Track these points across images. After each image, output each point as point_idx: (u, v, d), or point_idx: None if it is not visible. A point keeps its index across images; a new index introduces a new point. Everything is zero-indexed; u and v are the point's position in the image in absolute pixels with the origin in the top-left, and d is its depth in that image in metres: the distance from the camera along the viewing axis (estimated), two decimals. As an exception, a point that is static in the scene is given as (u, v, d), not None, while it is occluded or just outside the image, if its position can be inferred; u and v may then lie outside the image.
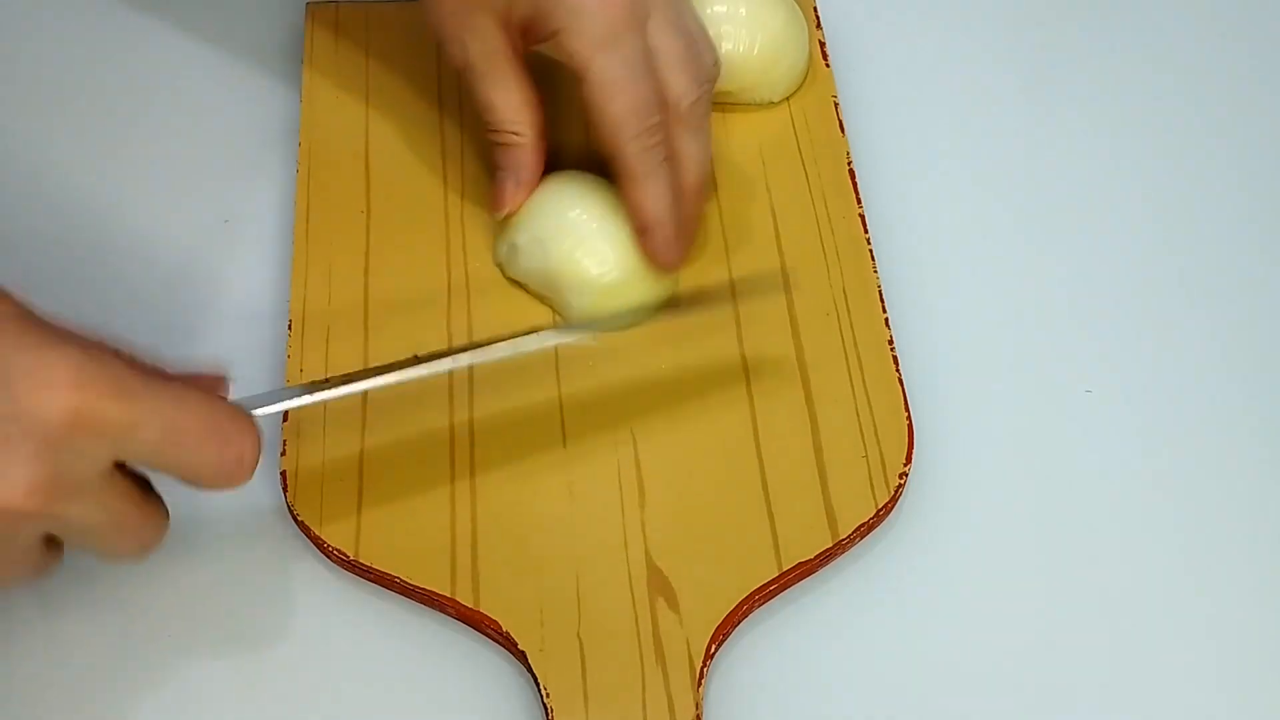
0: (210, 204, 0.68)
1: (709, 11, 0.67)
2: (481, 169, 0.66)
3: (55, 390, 0.44)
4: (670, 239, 0.61)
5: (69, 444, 0.45)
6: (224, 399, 0.51)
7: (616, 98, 0.58)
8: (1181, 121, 0.74)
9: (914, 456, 0.59)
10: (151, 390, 0.46)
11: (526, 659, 0.54)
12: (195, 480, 0.49)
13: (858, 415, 0.60)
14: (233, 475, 0.49)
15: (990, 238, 0.69)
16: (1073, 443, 0.62)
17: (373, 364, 0.60)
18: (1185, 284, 0.68)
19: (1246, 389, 0.64)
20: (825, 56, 0.72)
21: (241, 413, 0.50)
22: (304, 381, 0.59)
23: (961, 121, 0.73)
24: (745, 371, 0.61)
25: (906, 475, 0.59)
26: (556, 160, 0.64)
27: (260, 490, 0.59)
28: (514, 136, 0.62)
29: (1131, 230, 0.70)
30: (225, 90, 0.72)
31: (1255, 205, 0.71)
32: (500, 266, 0.64)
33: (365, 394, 0.59)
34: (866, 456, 0.59)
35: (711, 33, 0.67)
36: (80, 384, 0.45)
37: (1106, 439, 0.62)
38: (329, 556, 0.57)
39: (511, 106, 0.61)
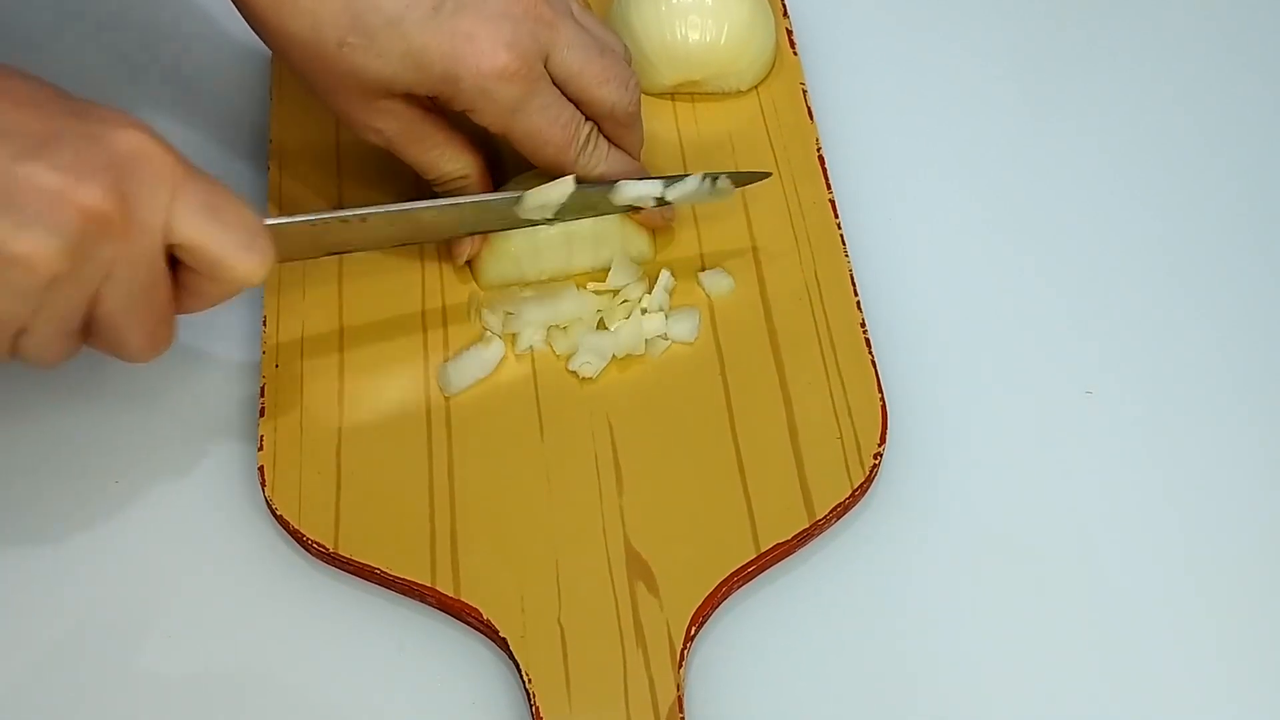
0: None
1: (675, 1, 0.67)
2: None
3: (130, 128, 0.50)
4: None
5: (135, 173, 0.49)
6: None
7: (547, 142, 0.60)
8: (1172, 104, 0.75)
9: (888, 437, 0.60)
10: (196, 168, 0.52)
11: (508, 646, 0.54)
12: (219, 259, 0.51)
13: (831, 397, 0.60)
14: (252, 268, 0.52)
15: (959, 220, 0.69)
16: (1043, 421, 0.63)
17: (347, 371, 0.61)
18: (1166, 259, 0.68)
19: (1222, 374, 0.65)
20: (793, 45, 0.72)
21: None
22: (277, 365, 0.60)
23: (930, 106, 0.74)
24: (719, 356, 0.62)
25: (881, 456, 0.59)
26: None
27: (238, 484, 0.59)
28: (460, 183, 0.63)
29: (1100, 219, 0.70)
30: (195, 94, 0.72)
31: (1247, 194, 0.71)
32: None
33: (341, 391, 0.60)
34: (841, 438, 0.59)
35: (679, 23, 0.67)
36: (147, 130, 0.50)
37: (1077, 418, 0.63)
38: (308, 549, 0.57)
39: (446, 159, 0.62)
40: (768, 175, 0.65)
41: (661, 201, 0.62)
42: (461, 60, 0.57)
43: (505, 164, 0.64)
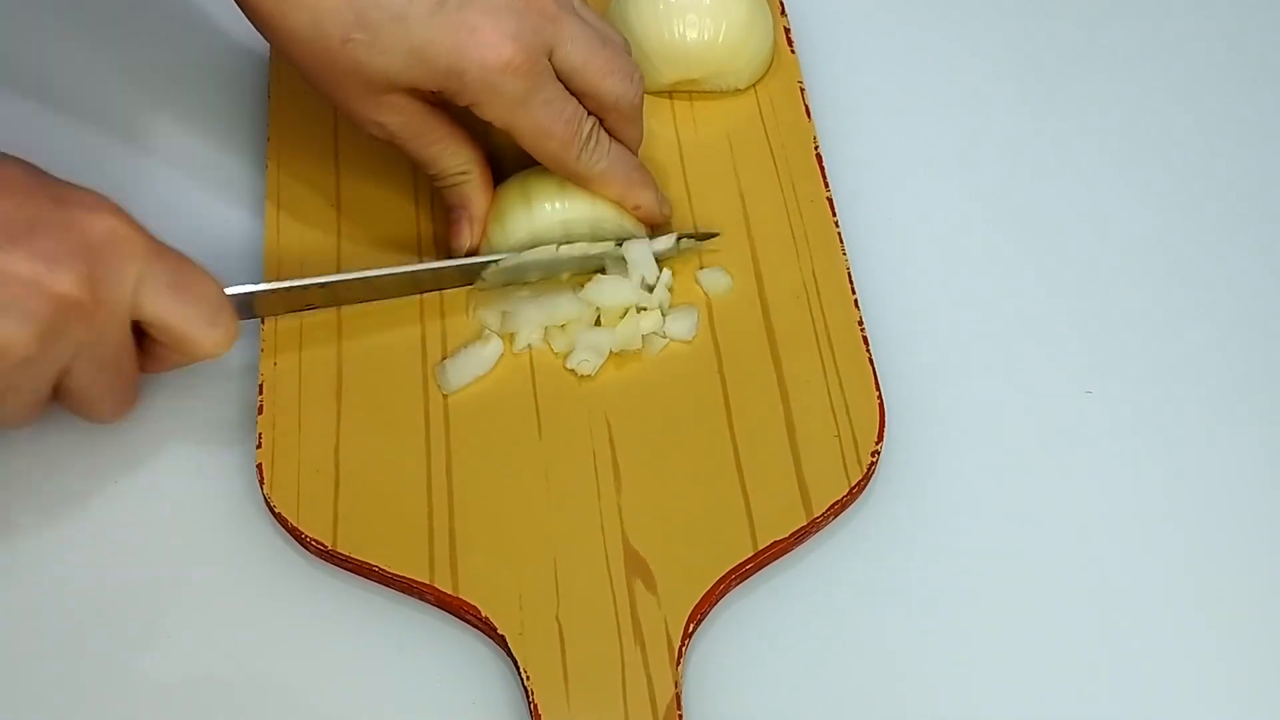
0: (179, 215, 0.67)
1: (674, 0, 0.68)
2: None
3: (103, 213, 0.52)
4: (654, 200, 0.63)
5: (106, 258, 0.52)
6: None
7: (550, 136, 0.60)
8: (1172, 104, 0.75)
9: (885, 435, 0.60)
10: (165, 246, 0.55)
11: (506, 643, 0.54)
12: (183, 334, 0.55)
13: (829, 395, 0.60)
14: (214, 342, 0.55)
15: (958, 219, 0.69)
16: (1042, 421, 0.63)
17: (345, 368, 0.61)
18: (1166, 259, 0.68)
19: (1222, 374, 0.65)
20: (790, 43, 0.72)
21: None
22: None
23: (929, 105, 0.74)
24: (717, 354, 0.62)
25: (878, 454, 0.59)
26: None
27: (236, 482, 0.59)
28: (461, 177, 0.63)
29: (1100, 219, 0.70)
30: (193, 92, 0.72)
31: (1248, 194, 0.71)
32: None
33: (339, 389, 0.60)
34: (839, 436, 0.59)
35: (677, 21, 0.67)
36: (118, 213, 0.53)
37: (1077, 418, 0.63)
38: (307, 547, 0.57)
39: (448, 154, 0.62)
40: (715, 235, 0.65)
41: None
42: (466, 54, 0.57)
43: (505, 162, 0.64)
